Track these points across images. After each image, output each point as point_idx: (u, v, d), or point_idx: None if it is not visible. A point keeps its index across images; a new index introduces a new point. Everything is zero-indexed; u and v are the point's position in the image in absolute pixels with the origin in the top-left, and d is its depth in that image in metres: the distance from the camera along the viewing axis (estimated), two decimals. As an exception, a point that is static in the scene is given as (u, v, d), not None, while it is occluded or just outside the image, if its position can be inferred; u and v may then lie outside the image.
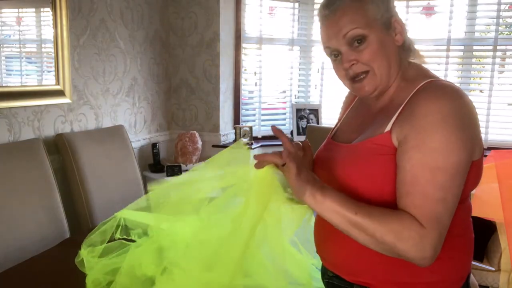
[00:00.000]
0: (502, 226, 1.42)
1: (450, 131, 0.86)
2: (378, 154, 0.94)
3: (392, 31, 0.98)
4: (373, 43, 0.96)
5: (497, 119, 3.23)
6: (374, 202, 0.93)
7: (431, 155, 0.86)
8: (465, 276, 1.02)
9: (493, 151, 1.54)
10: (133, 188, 2.70)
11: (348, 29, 0.96)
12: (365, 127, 1.03)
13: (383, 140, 0.94)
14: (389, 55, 0.98)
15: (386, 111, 0.99)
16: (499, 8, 3.12)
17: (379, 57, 0.97)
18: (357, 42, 0.96)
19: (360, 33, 0.95)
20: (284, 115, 3.77)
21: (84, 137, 2.50)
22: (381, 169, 0.94)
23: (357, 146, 1.00)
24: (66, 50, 2.42)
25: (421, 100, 0.91)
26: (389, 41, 0.98)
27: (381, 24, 0.97)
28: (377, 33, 0.96)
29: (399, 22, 0.99)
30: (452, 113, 0.87)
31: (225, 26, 3.36)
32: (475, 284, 1.95)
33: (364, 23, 0.95)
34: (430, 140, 0.86)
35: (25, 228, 1.99)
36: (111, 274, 1.16)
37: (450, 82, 0.96)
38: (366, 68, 0.98)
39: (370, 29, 0.95)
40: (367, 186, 0.95)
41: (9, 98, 2.14)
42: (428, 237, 0.84)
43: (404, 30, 1.00)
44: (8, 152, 2.05)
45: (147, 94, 3.21)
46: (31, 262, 1.56)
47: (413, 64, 1.03)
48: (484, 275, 2.56)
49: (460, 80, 3.35)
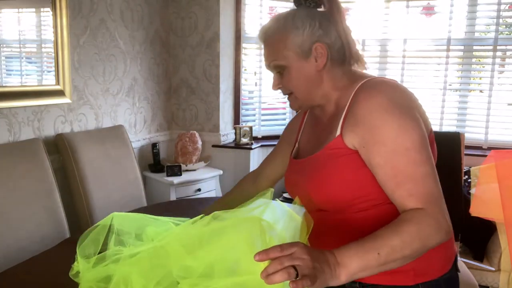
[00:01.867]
0: (502, 226, 1.42)
1: (397, 116, 0.94)
2: (337, 156, 1.02)
3: (313, 57, 1.06)
4: (291, 72, 1.07)
5: (497, 119, 3.22)
6: (349, 201, 1.01)
7: (395, 141, 0.93)
8: (453, 254, 1.08)
9: (493, 151, 1.54)
10: (133, 188, 2.70)
11: (270, 60, 1.10)
12: (320, 137, 1.11)
13: (336, 144, 1.02)
14: (308, 81, 1.08)
15: (333, 118, 1.08)
16: (499, 8, 3.12)
17: (296, 83, 1.08)
18: (280, 70, 1.09)
19: (278, 64, 1.08)
20: (284, 115, 3.77)
21: (84, 137, 2.50)
22: (345, 168, 1.01)
23: (316, 156, 1.07)
24: (66, 50, 2.42)
25: (360, 101, 1.00)
26: (308, 68, 1.07)
27: (299, 53, 1.06)
28: (294, 63, 1.07)
29: (322, 47, 1.05)
30: (390, 100, 0.96)
31: (225, 26, 3.36)
32: (475, 284, 1.95)
33: (283, 55, 1.06)
34: (385, 131, 0.94)
35: (25, 228, 1.99)
36: (104, 282, 1.16)
37: (382, 77, 1.06)
38: (289, 91, 1.11)
39: (287, 60, 1.07)
40: (338, 190, 1.01)
41: (9, 98, 2.14)
42: (436, 214, 0.90)
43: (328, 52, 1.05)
44: (8, 152, 2.05)
45: (147, 94, 3.21)
46: (31, 262, 1.56)
47: (348, 72, 1.10)
48: (484, 275, 2.56)
49: (460, 80, 3.35)
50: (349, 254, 0.84)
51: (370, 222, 1.00)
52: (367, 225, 1.00)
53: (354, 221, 1.02)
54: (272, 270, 0.76)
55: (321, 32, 1.05)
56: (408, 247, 0.87)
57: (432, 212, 0.90)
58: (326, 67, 1.07)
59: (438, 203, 0.92)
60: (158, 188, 3.04)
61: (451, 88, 3.40)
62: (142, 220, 1.29)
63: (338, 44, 1.07)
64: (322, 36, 1.06)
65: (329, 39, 1.06)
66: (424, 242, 0.88)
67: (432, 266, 1.00)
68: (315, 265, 0.79)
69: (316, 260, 0.80)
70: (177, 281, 1.12)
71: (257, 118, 3.67)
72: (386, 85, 1.01)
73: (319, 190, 1.04)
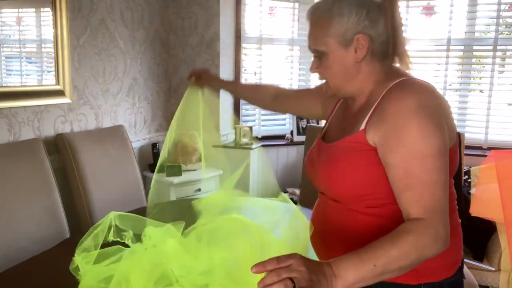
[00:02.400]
0: (502, 226, 1.42)
1: (423, 121, 0.93)
2: (355, 151, 1.02)
3: (353, 47, 1.03)
4: (330, 60, 1.06)
5: (497, 119, 3.23)
6: (358, 196, 1.02)
7: (415, 145, 0.93)
8: (459, 259, 1.07)
9: (493, 151, 1.54)
10: (133, 188, 2.70)
11: (311, 43, 1.09)
12: (345, 127, 1.11)
13: (358, 138, 1.01)
14: (345, 71, 1.06)
15: (362, 111, 1.07)
16: (499, 8, 3.12)
17: (333, 73, 1.07)
18: (319, 56, 1.08)
19: (318, 50, 1.07)
20: (284, 115, 3.77)
21: (84, 137, 2.50)
22: (359, 164, 1.01)
23: (336, 145, 1.08)
24: (66, 50, 2.42)
25: (391, 99, 0.99)
26: (347, 58, 1.05)
27: (341, 41, 1.03)
28: (335, 51, 1.04)
29: (365, 38, 1.02)
30: (421, 104, 0.95)
31: (225, 26, 3.36)
32: (475, 284, 1.95)
33: (323, 41, 1.05)
34: (408, 133, 0.93)
35: (25, 228, 1.99)
36: (105, 282, 1.16)
37: (420, 80, 1.03)
38: (324, 78, 1.11)
39: (328, 47, 1.04)
40: (348, 183, 1.03)
41: (9, 98, 2.14)
42: (436, 225, 0.90)
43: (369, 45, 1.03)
44: (8, 152, 2.05)
45: (147, 94, 3.21)
46: (31, 262, 1.56)
47: (387, 68, 1.08)
48: (484, 275, 2.56)
49: (460, 80, 3.36)
50: (345, 265, 0.85)
51: (378, 219, 1.01)
52: (374, 222, 1.01)
53: (361, 215, 1.03)
54: (269, 281, 0.77)
55: (367, 23, 1.02)
56: (405, 259, 0.88)
57: (433, 223, 0.90)
58: (365, 59, 1.05)
59: (441, 214, 0.91)
60: (158, 188, 3.04)
61: (451, 88, 3.40)
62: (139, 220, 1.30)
63: (383, 38, 1.04)
64: (367, 27, 1.02)
65: (374, 31, 1.03)
66: (422, 254, 0.89)
67: (436, 268, 1.00)
68: (312, 277, 0.80)
69: (313, 272, 0.81)
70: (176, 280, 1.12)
71: (257, 118, 3.67)
72: (420, 88, 0.99)
73: (330, 180, 1.06)
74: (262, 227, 1.07)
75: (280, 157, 3.63)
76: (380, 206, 1.01)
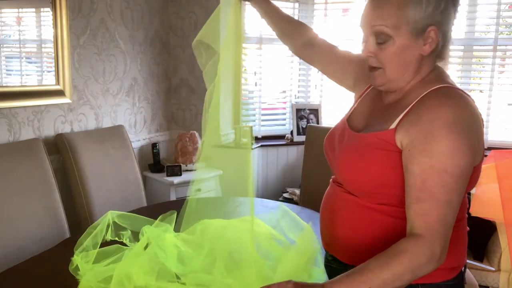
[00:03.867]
0: (502, 226, 1.42)
1: (456, 137, 0.89)
2: (379, 148, 0.98)
3: (423, 40, 0.96)
4: (395, 46, 0.96)
5: (497, 119, 3.23)
6: (368, 192, 1.00)
7: (439, 159, 0.89)
8: (461, 265, 1.06)
9: (493, 151, 1.54)
10: (133, 188, 2.70)
11: (377, 23, 0.96)
12: (373, 118, 1.07)
13: (386, 136, 0.97)
14: (407, 63, 0.98)
15: (395, 107, 1.01)
16: (499, 8, 3.12)
17: (395, 62, 0.98)
18: (381, 39, 0.96)
19: (386, 32, 0.95)
20: (284, 115, 3.77)
21: (84, 137, 2.50)
22: (378, 162, 0.98)
23: (362, 137, 1.03)
24: (66, 50, 2.42)
25: (429, 105, 0.93)
26: (413, 49, 0.97)
27: (413, 29, 0.94)
28: (403, 38, 0.95)
29: (436, 33, 0.95)
30: (458, 119, 0.90)
31: (225, 26, 3.35)
32: (475, 284, 1.95)
33: (395, 23, 0.94)
34: (437, 145, 0.89)
35: (25, 228, 1.99)
36: (104, 282, 1.16)
37: (461, 91, 0.98)
38: (380, 65, 1.00)
39: (397, 32, 0.95)
40: (362, 178, 1.00)
41: (9, 98, 2.14)
42: (434, 245, 0.89)
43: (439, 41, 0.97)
44: (8, 152, 2.05)
45: (147, 94, 3.21)
46: (31, 262, 1.56)
47: (436, 68, 1.03)
48: (484, 275, 2.56)
49: (460, 80, 3.35)
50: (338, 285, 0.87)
51: (388, 218, 1.00)
52: (384, 220, 1.01)
53: (372, 212, 1.02)
54: None
55: (441, 17, 0.95)
56: (399, 279, 0.88)
57: (432, 243, 0.89)
58: (426, 57, 0.99)
59: (443, 235, 0.90)
60: (158, 188, 3.04)
61: (451, 88, 3.39)
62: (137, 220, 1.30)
63: (448, 37, 0.99)
64: (440, 21, 0.95)
65: (445, 28, 0.97)
66: (415, 274, 0.89)
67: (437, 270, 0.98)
68: None
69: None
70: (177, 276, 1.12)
71: (257, 118, 3.67)
72: (461, 100, 0.94)
73: (349, 172, 1.04)
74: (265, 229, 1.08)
75: (280, 157, 3.63)
76: (392, 205, 1.00)
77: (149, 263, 1.15)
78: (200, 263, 1.10)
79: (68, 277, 1.27)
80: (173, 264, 1.14)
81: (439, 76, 1.01)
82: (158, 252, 1.15)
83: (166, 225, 1.28)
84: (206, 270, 1.08)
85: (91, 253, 1.24)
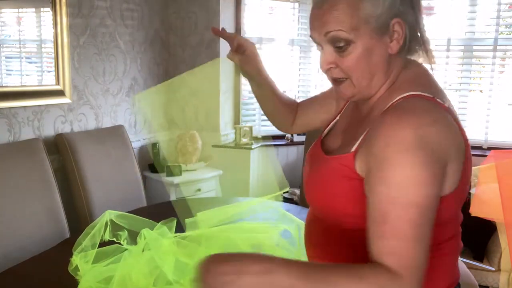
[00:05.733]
0: (502, 226, 1.42)
1: (416, 162, 0.74)
2: (342, 175, 0.86)
3: (388, 36, 0.83)
4: (357, 51, 0.83)
5: (497, 119, 3.22)
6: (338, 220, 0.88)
7: (398, 190, 0.74)
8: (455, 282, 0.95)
9: (493, 151, 1.54)
10: (133, 188, 2.70)
11: (331, 28, 0.82)
12: (346, 136, 0.95)
13: (346, 161, 0.85)
14: (374, 66, 0.85)
15: (362, 123, 0.90)
16: (499, 8, 3.12)
17: (360, 68, 0.84)
18: (340, 46, 0.83)
19: (343, 37, 0.82)
20: (284, 115, 3.77)
21: (84, 137, 2.50)
22: (342, 193, 0.86)
23: (328, 161, 0.91)
24: (66, 50, 2.42)
25: (385, 123, 0.78)
26: (379, 49, 0.83)
27: (374, 27, 0.81)
28: (365, 40, 0.82)
29: (402, 25, 0.82)
30: (418, 140, 0.74)
31: (225, 26, 3.34)
32: (475, 284, 1.95)
33: (352, 25, 0.81)
34: (394, 173, 0.75)
35: (25, 228, 1.99)
36: (104, 283, 1.16)
37: (434, 99, 0.81)
38: (345, 75, 0.87)
39: (357, 34, 0.81)
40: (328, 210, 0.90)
41: (9, 98, 2.14)
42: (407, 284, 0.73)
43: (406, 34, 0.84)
44: (8, 152, 2.05)
45: (147, 94, 3.21)
46: (31, 262, 1.56)
47: (409, 69, 0.89)
48: (484, 275, 2.56)
49: (460, 80, 3.35)
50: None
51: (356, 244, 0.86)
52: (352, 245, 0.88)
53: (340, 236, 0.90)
54: None
55: (403, 7, 0.82)
56: None
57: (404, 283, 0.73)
58: (394, 56, 0.85)
59: (417, 271, 0.74)
60: (158, 188, 3.04)
61: (451, 88, 3.39)
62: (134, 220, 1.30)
63: (415, 27, 0.86)
64: (404, 11, 0.82)
65: (410, 17, 0.84)
66: None
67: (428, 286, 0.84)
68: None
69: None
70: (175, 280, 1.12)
71: (257, 118, 3.67)
72: (426, 114, 0.77)
73: (312, 197, 0.95)
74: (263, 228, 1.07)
75: (280, 157, 3.63)
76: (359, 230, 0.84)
77: (148, 266, 1.15)
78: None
79: (68, 277, 1.27)
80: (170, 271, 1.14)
81: (410, 80, 0.86)
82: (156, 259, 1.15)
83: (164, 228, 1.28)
84: None
85: (90, 253, 1.24)
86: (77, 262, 1.23)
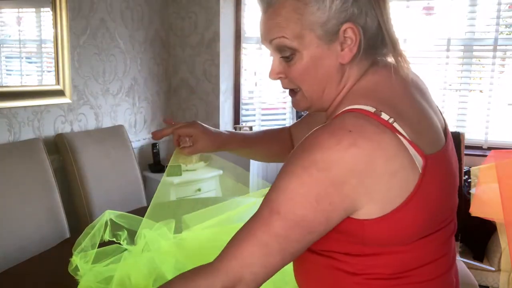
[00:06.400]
0: (502, 226, 1.42)
1: (303, 182, 0.67)
2: None
3: (339, 44, 0.73)
4: (303, 61, 0.75)
5: (497, 119, 3.22)
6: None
7: (277, 198, 0.70)
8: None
9: (493, 151, 1.54)
10: (133, 188, 2.70)
11: (274, 35, 0.75)
12: None
13: None
14: (323, 77, 0.76)
15: None
16: (499, 8, 3.11)
17: (307, 79, 0.77)
18: (285, 54, 0.76)
19: (287, 45, 0.74)
20: (284, 115, 3.77)
21: (84, 137, 2.50)
22: None
23: None
24: (66, 50, 2.42)
25: (306, 138, 0.71)
26: (327, 59, 0.74)
27: (321, 35, 0.73)
28: (312, 48, 0.73)
29: (355, 30, 0.72)
30: (320, 163, 0.66)
31: (225, 26, 3.36)
32: (475, 284, 1.95)
33: (295, 32, 0.73)
34: (280, 181, 0.70)
35: (25, 228, 1.99)
36: (104, 283, 1.16)
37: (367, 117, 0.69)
38: (295, 86, 0.80)
39: (301, 42, 0.73)
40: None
41: (9, 98, 2.14)
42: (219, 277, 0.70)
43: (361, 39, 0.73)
44: (8, 152, 2.05)
45: (147, 94, 3.21)
46: (31, 262, 1.56)
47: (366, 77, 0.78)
48: (484, 275, 2.56)
49: (460, 80, 3.35)
50: None
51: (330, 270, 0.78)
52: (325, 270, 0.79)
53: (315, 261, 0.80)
54: None
55: (355, 10, 0.72)
56: None
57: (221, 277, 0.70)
58: (355, 59, 0.75)
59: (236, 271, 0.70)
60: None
61: (451, 88, 3.39)
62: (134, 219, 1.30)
63: (373, 31, 0.75)
64: (357, 13, 0.72)
65: (364, 22, 0.73)
66: None
67: None
68: None
69: None
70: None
71: (257, 118, 3.67)
72: (347, 137, 0.66)
73: None
74: None
75: (280, 157, 3.63)
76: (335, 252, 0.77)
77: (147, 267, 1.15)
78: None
79: (68, 277, 1.27)
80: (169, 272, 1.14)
81: (359, 91, 0.76)
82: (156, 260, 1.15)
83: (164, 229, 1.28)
84: None
85: (90, 253, 1.24)
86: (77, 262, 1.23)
